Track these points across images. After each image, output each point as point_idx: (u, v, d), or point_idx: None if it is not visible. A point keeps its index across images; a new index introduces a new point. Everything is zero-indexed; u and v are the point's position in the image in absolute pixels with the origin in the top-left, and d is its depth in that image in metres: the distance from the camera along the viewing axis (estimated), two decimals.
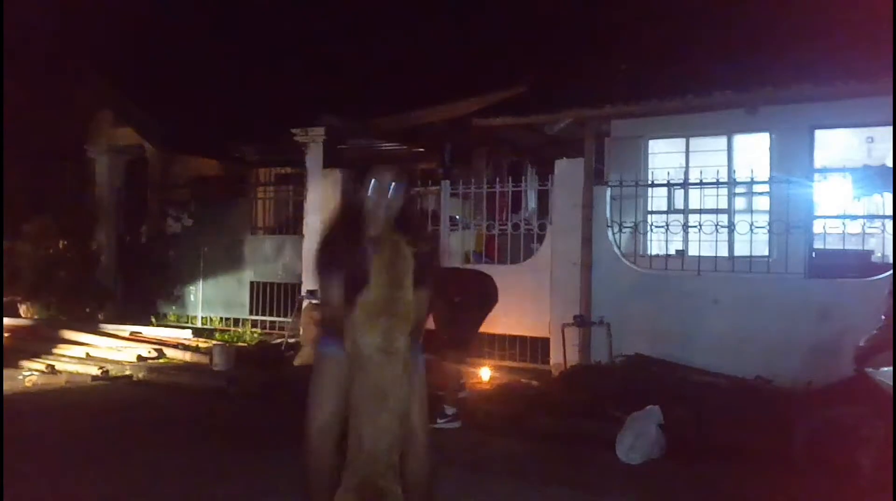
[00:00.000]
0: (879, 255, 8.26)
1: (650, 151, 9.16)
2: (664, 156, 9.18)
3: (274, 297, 10.59)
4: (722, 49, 8.79)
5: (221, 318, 11.07)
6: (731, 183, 8.17)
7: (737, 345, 7.18)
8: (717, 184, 7.91)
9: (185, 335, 10.01)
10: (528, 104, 9.19)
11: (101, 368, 8.18)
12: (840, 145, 9.38)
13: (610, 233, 8.14)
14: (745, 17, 9.39)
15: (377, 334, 2.94)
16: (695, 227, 7.77)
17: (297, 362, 8.40)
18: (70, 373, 8.21)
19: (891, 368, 4.38)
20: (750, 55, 8.32)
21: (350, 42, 14.78)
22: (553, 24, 13.75)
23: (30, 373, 8.14)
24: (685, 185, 8.33)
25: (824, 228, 8.48)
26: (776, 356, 6.96)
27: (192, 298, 11.37)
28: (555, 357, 7.96)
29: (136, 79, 13.15)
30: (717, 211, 7.99)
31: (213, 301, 11.21)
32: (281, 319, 10.25)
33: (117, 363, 8.56)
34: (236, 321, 10.82)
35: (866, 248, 8.26)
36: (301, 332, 8.89)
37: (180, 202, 11.74)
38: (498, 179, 8.92)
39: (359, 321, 2.98)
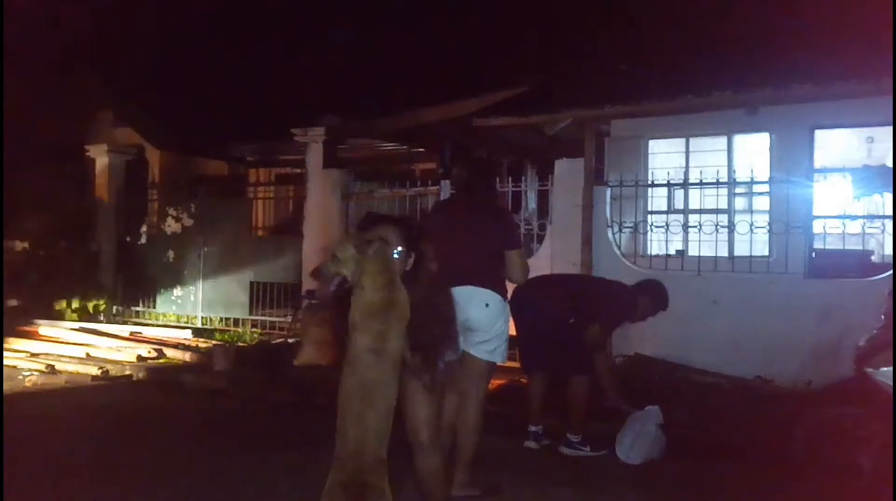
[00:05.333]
0: (879, 255, 8.26)
1: (650, 151, 9.15)
2: (664, 156, 9.17)
3: (274, 297, 10.58)
4: (722, 49, 8.80)
5: (221, 318, 11.06)
6: (731, 183, 8.17)
7: (737, 345, 7.18)
8: (717, 184, 7.91)
9: (185, 335, 10.02)
10: (528, 104, 9.19)
11: (101, 368, 8.17)
12: (840, 145, 9.39)
13: (610, 233, 8.13)
14: (746, 17, 9.39)
15: (371, 334, 2.97)
16: (695, 227, 7.77)
17: (297, 362, 8.40)
18: (70, 373, 8.20)
19: (891, 368, 4.38)
20: (750, 55, 8.32)
21: (350, 42, 14.79)
22: (553, 24, 13.76)
23: (30, 373, 8.13)
24: (685, 185, 8.33)
25: (824, 228, 8.49)
26: (776, 356, 6.96)
27: (192, 298, 11.36)
28: None
29: (136, 79, 13.17)
30: (717, 211, 7.99)
31: (213, 301, 11.21)
32: (281, 319, 10.24)
33: (117, 363, 8.55)
34: (236, 321, 10.81)
35: (866, 248, 8.26)
36: (301, 332, 8.89)
37: (180, 202, 11.73)
38: (498, 179, 8.91)
39: (356, 322, 3.01)
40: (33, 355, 8.86)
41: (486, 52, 13.65)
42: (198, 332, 10.34)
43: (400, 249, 3.19)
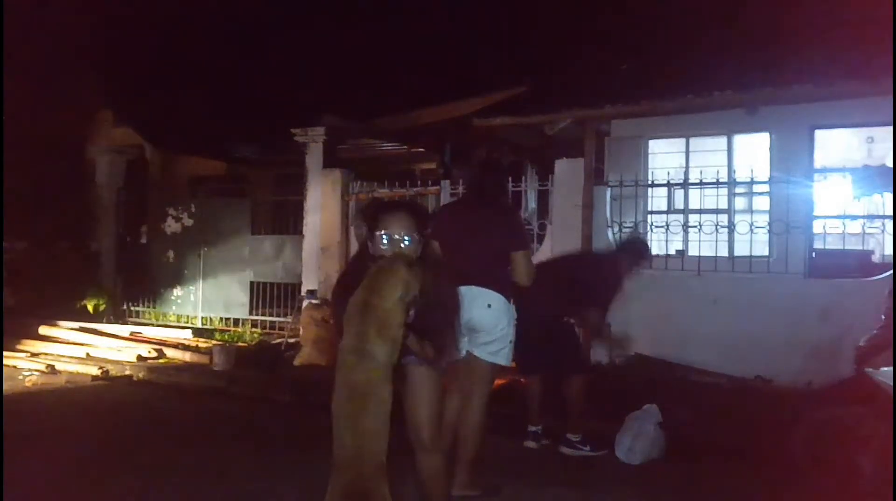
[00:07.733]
0: (879, 255, 8.27)
1: (650, 151, 9.15)
2: (664, 156, 9.17)
3: (274, 297, 10.59)
4: (722, 49, 8.80)
5: (221, 318, 11.06)
6: (731, 183, 8.17)
7: (737, 345, 7.18)
8: (717, 184, 7.91)
9: (185, 335, 10.02)
10: (528, 104, 9.19)
11: (101, 368, 8.18)
12: (840, 145, 9.39)
13: (610, 233, 8.13)
14: (746, 16, 9.39)
15: (351, 335, 2.94)
16: (695, 227, 7.77)
17: (297, 362, 8.41)
18: (70, 373, 8.21)
19: (891, 368, 4.38)
20: (750, 55, 8.32)
21: (350, 42, 14.79)
22: (553, 23, 13.77)
23: (30, 373, 8.14)
24: (685, 185, 8.33)
25: (824, 228, 8.50)
26: (776, 356, 6.96)
27: (192, 298, 11.37)
28: None
29: (136, 79, 13.17)
30: (717, 211, 8.00)
31: (213, 301, 11.21)
32: (281, 319, 10.25)
33: (117, 363, 8.56)
34: (236, 321, 10.81)
35: (866, 248, 8.27)
36: (301, 332, 8.89)
37: (180, 202, 11.74)
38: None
39: (344, 325, 3.00)
40: (33, 355, 8.86)
41: (486, 52, 13.67)
42: (198, 332, 10.34)
43: (413, 236, 3.14)
